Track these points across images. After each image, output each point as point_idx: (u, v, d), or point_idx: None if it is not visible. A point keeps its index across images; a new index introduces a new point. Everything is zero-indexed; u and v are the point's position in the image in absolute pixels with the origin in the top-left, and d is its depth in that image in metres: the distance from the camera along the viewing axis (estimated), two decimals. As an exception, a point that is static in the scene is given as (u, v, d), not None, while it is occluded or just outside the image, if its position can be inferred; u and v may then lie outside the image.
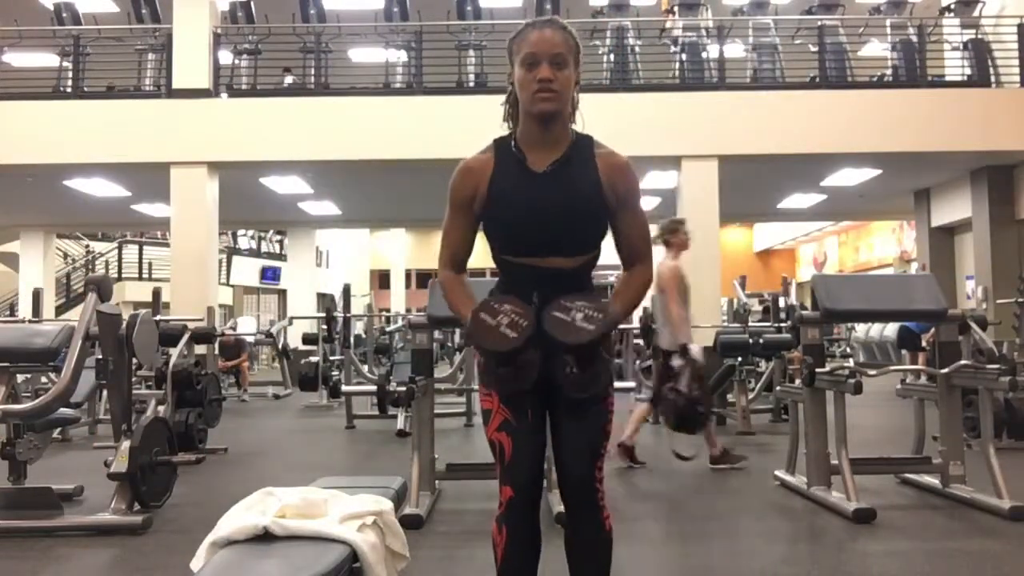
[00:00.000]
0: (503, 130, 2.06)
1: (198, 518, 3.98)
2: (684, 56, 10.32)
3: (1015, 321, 7.43)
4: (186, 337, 6.47)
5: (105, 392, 5.41)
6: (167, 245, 12.45)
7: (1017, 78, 10.20)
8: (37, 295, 9.51)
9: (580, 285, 2.01)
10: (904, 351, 11.42)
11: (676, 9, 10.75)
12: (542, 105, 1.92)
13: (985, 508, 4.12)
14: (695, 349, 5.12)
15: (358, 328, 11.75)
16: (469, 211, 2.02)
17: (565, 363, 1.91)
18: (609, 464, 2.05)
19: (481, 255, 2.06)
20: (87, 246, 20.51)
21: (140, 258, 19.76)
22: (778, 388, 6.26)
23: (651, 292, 5.01)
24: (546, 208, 1.95)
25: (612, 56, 10.31)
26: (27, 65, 12.11)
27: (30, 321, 8.65)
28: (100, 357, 4.14)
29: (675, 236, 5.49)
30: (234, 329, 13.02)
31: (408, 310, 19.54)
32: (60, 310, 16.75)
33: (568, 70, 1.93)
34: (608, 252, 2.11)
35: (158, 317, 7.04)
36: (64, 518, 4.00)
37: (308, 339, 11.21)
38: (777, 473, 4.96)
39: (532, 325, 1.86)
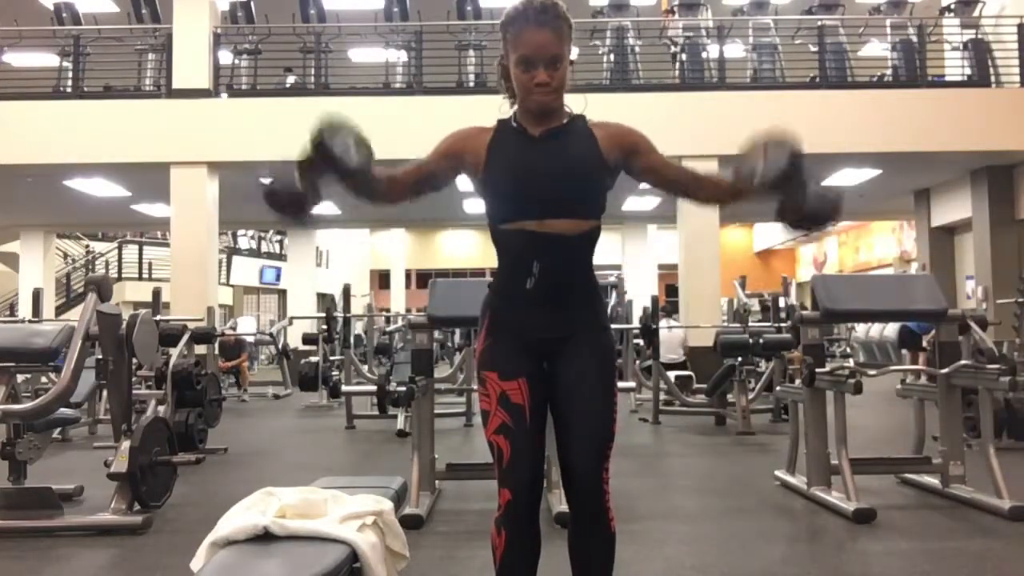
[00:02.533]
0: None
1: (198, 518, 3.98)
2: (684, 56, 10.33)
3: (1015, 321, 7.43)
4: (186, 337, 6.46)
5: (105, 392, 5.41)
6: (167, 245, 12.46)
7: (1017, 78, 10.21)
8: (37, 295, 9.51)
9: (581, 260, 2.00)
10: (904, 351, 11.42)
11: (676, 9, 10.76)
12: (540, 106, 1.96)
13: (985, 508, 4.12)
14: None
15: (358, 328, 11.75)
16: (447, 158, 2.03)
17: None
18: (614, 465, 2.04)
19: (481, 255, 2.06)
20: (87, 246, 20.52)
21: (140, 258, 19.77)
22: (778, 388, 6.26)
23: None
24: (545, 167, 1.95)
25: (612, 56, 10.32)
26: (27, 65, 12.12)
27: (30, 321, 8.65)
28: (100, 357, 4.14)
29: None
30: (234, 329, 13.02)
31: (408, 310, 19.54)
32: (60, 310, 16.75)
33: (563, 64, 1.94)
34: (608, 252, 2.10)
35: (158, 317, 7.04)
36: (64, 518, 3.99)
37: (308, 339, 11.21)
38: (777, 473, 4.96)
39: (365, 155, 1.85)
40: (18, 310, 15.89)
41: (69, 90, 10.57)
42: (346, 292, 9.65)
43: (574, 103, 2.04)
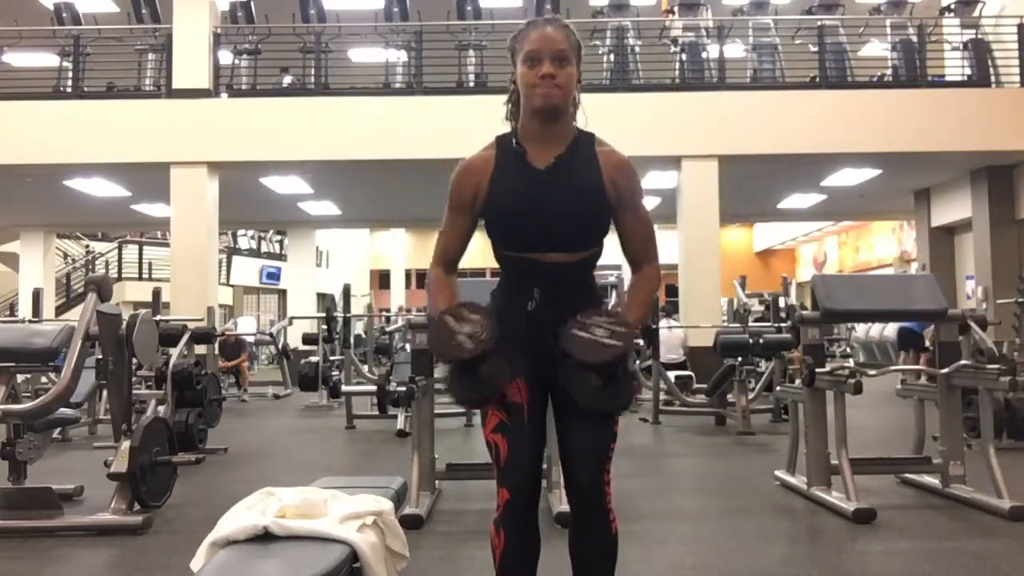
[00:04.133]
0: (504, 128, 2.05)
1: (198, 518, 3.98)
2: (684, 56, 10.33)
3: (1015, 321, 7.43)
4: (186, 337, 6.46)
5: (105, 392, 5.40)
6: (167, 245, 12.45)
7: (1017, 78, 10.21)
8: (37, 295, 9.51)
9: (582, 280, 2.00)
10: (904, 351, 11.42)
11: (676, 9, 10.76)
12: (545, 100, 1.92)
13: (985, 508, 4.12)
14: None
15: (358, 328, 11.75)
16: (468, 210, 2.03)
17: (587, 378, 1.85)
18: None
19: (481, 255, 2.05)
20: (87, 246, 20.50)
21: (140, 258, 19.77)
22: (778, 388, 6.26)
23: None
24: (548, 204, 1.94)
25: (612, 56, 10.32)
26: (27, 65, 12.11)
27: (30, 321, 8.65)
28: (100, 357, 4.14)
29: None
30: (234, 329, 13.02)
31: (408, 310, 19.51)
32: (60, 310, 16.74)
33: (570, 67, 1.94)
34: (608, 252, 2.10)
35: (158, 317, 7.04)
36: (64, 518, 3.99)
37: (308, 339, 11.21)
38: (777, 473, 4.96)
39: (491, 341, 1.82)
40: (18, 310, 15.88)
41: (69, 90, 10.56)
42: (346, 292, 9.65)
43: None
